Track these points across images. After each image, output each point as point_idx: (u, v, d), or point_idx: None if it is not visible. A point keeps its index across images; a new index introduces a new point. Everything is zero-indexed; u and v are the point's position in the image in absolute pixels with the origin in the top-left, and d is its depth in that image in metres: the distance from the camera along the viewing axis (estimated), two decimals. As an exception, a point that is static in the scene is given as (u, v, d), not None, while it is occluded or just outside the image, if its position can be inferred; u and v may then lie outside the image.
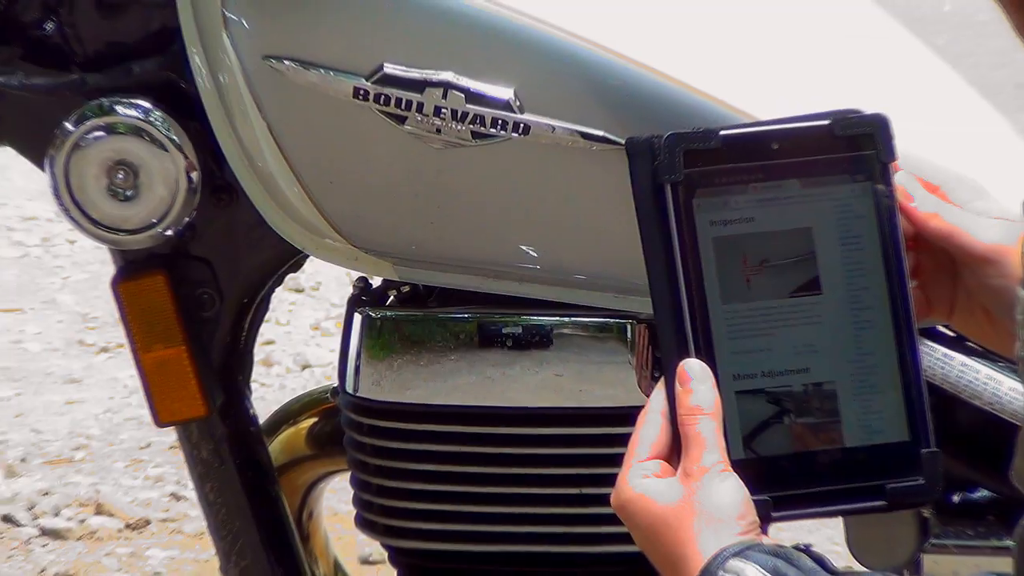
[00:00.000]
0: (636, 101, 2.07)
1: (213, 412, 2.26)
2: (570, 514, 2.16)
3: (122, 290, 2.23)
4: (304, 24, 2.08)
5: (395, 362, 2.16)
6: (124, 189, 2.14)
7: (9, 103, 2.19)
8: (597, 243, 2.10)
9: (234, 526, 2.31)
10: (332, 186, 2.11)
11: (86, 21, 2.19)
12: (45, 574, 3.70)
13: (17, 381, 4.03)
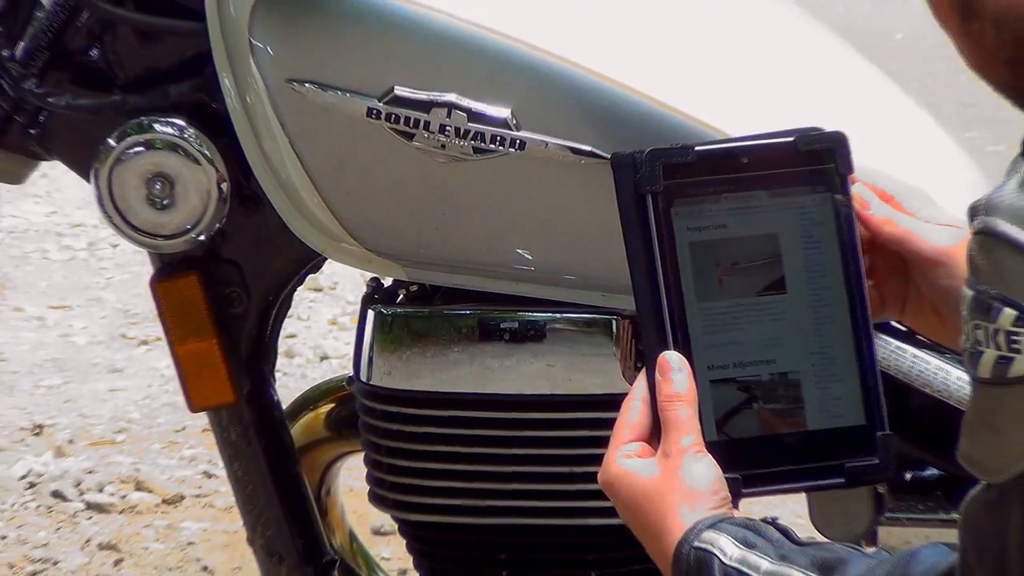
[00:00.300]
0: (621, 120, 2.07)
1: (241, 399, 2.26)
2: (561, 490, 2.16)
3: (159, 289, 2.23)
4: (322, 51, 2.09)
5: (404, 354, 2.17)
6: (161, 198, 2.15)
7: (58, 122, 2.19)
8: (585, 247, 2.10)
9: (259, 501, 2.31)
10: (348, 196, 2.12)
11: (127, 48, 2.19)
12: (90, 544, 3.68)
13: (65, 371, 4.02)
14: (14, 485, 3.78)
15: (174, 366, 2.26)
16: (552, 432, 2.15)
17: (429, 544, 2.24)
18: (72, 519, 3.72)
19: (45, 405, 4.01)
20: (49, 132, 2.21)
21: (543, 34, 2.08)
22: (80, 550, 3.64)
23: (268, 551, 2.32)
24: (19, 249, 4.43)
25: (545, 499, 2.17)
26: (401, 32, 2.08)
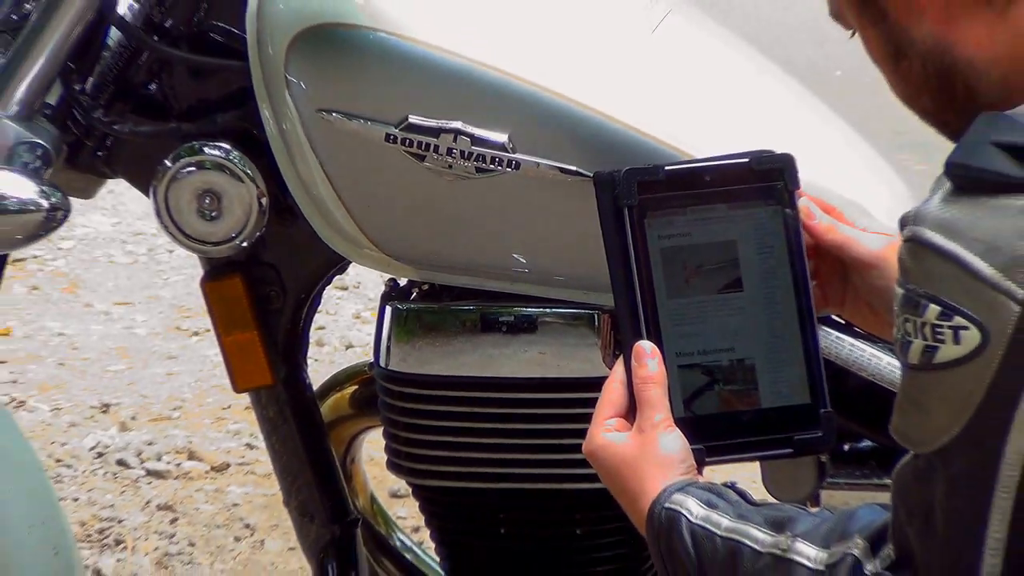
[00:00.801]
0: (602, 144, 2.07)
1: (278, 382, 2.26)
2: (550, 459, 2.15)
3: (208, 289, 2.23)
4: (348, 85, 2.09)
5: (417, 343, 2.17)
6: (210, 211, 2.14)
7: (122, 146, 2.19)
8: (571, 251, 2.10)
9: (294, 469, 2.31)
10: (369, 208, 2.11)
11: (180, 82, 2.19)
12: (149, 506, 3.68)
13: (128, 357, 4.01)
14: (85, 455, 3.78)
15: (221, 354, 2.26)
16: (543, 410, 2.16)
17: (438, 505, 2.24)
18: (134, 484, 3.71)
19: (111, 387, 4.01)
20: (114, 154, 2.20)
21: (536, 69, 2.08)
22: (141, 510, 3.64)
23: (301, 511, 2.32)
24: (89, 254, 4.42)
25: (537, 467, 2.16)
26: (415, 69, 2.08)
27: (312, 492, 2.30)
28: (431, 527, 2.28)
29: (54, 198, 2.07)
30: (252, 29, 2.11)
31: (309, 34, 2.09)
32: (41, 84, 2.13)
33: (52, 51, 2.11)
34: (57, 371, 4.03)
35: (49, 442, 3.72)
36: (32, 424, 3.71)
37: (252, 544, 3.55)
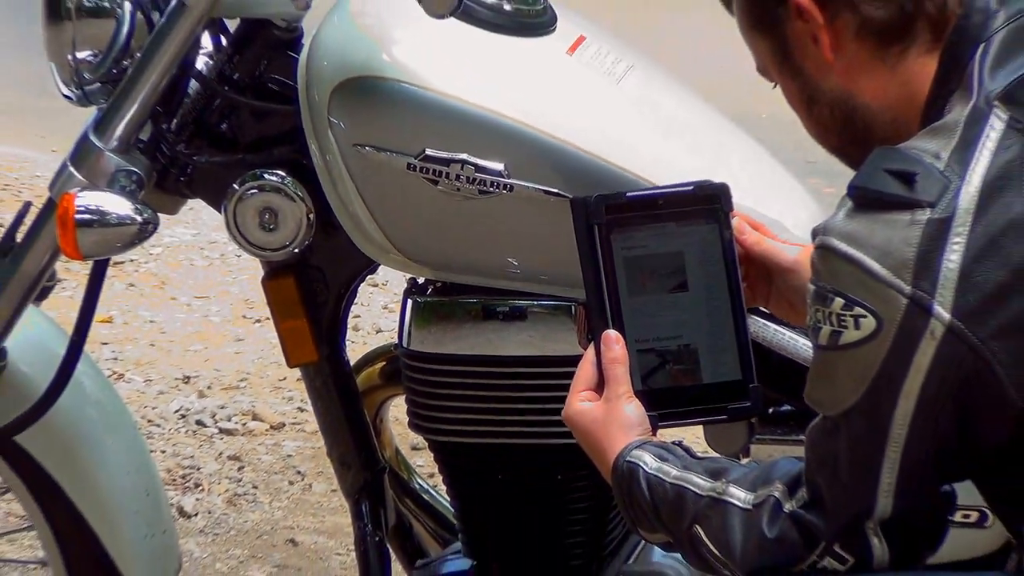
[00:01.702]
0: (578, 171, 2.07)
1: (323, 358, 2.25)
2: (537, 419, 2.16)
3: (268, 286, 2.22)
4: (378, 125, 2.09)
5: (432, 328, 2.17)
6: (269, 224, 2.14)
7: (200, 172, 2.18)
8: (553, 256, 2.09)
9: (335, 427, 2.31)
10: (394, 222, 2.11)
11: (245, 123, 2.19)
12: (221, 456, 3.67)
13: (205, 339, 4.00)
14: (170, 416, 3.77)
15: (278, 337, 2.25)
16: (531, 381, 2.16)
17: (448, 456, 2.24)
18: (209, 440, 3.70)
19: (191, 363, 4.00)
20: (193, 180, 2.20)
21: (526, 112, 2.08)
22: (214, 460, 3.63)
23: (341, 461, 2.32)
24: (174, 258, 4.40)
25: (526, 426, 2.16)
26: (430, 112, 2.08)
27: (349, 446, 2.30)
28: (443, 473, 2.28)
29: (146, 214, 2.07)
30: (302, 81, 2.12)
31: (347, 84, 2.09)
32: (136, 124, 2.13)
33: (145, 98, 2.11)
34: (148, 350, 4.02)
35: (142, 407, 3.72)
36: (128, 392, 3.70)
37: (302, 487, 3.55)
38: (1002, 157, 1.61)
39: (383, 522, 2.30)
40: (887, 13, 1.70)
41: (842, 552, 1.68)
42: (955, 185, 1.60)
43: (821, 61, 1.76)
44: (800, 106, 1.84)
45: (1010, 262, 1.58)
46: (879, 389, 1.63)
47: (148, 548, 2.30)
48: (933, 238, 1.58)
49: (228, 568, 3.30)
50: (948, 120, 1.66)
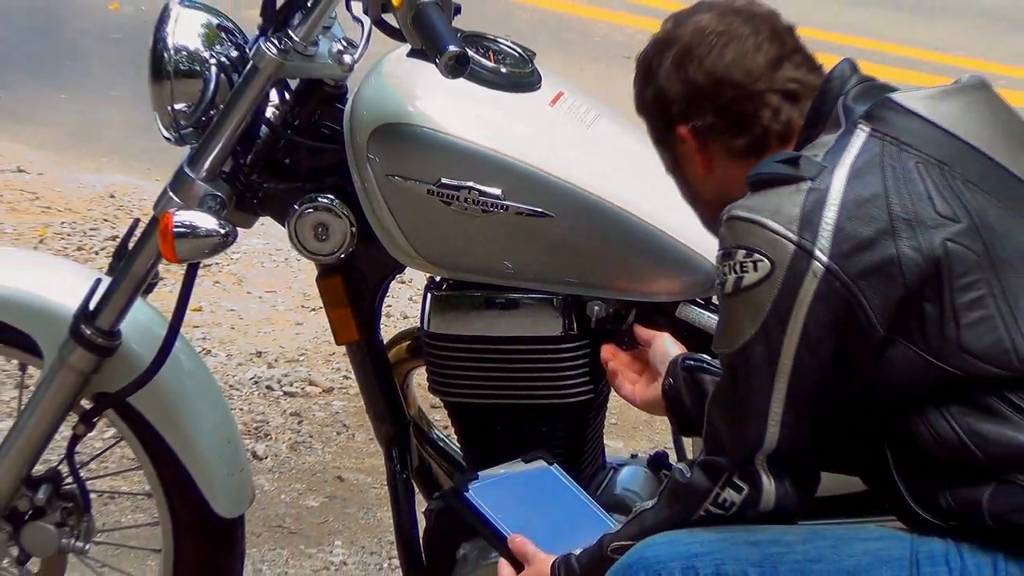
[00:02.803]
0: (558, 195, 2.07)
1: (362, 339, 2.24)
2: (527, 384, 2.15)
3: (320, 283, 2.21)
4: (404, 160, 2.09)
5: (446, 315, 2.17)
6: (321, 236, 2.13)
7: (269, 196, 2.18)
8: (538, 259, 2.10)
9: (372, 391, 2.30)
10: (417, 234, 2.11)
11: (303, 158, 2.18)
12: (285, 413, 3.66)
13: (273, 324, 4.00)
14: (246, 383, 3.76)
15: (328, 321, 2.24)
16: (520, 354, 2.14)
17: (459, 412, 2.23)
18: (276, 400, 3.70)
19: (262, 341, 4.00)
20: (264, 201, 2.19)
21: (518, 149, 2.08)
22: (280, 416, 3.63)
23: (376, 417, 2.31)
24: (249, 262, 4.40)
25: (517, 388, 2.15)
26: (445, 150, 2.08)
27: (383, 405, 2.30)
28: (454, 425, 2.27)
29: (227, 228, 2.06)
30: (347, 126, 2.12)
31: (381, 129, 2.09)
32: (220, 159, 2.12)
33: (226, 139, 2.11)
34: (229, 332, 4.02)
35: (224, 376, 3.72)
36: (214, 364, 3.70)
37: (347, 436, 3.55)
38: (867, 152, 1.67)
39: (409, 463, 2.30)
40: (745, 140, 1.77)
41: (739, 482, 1.67)
42: (829, 168, 1.66)
43: (700, 173, 1.83)
44: (690, 202, 1.91)
45: (872, 222, 1.61)
46: (771, 323, 1.63)
47: (229, 483, 2.30)
48: (814, 202, 1.63)
49: (290, 499, 3.30)
50: (823, 139, 1.71)
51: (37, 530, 2.29)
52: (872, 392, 1.65)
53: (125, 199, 4.83)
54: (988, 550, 1.60)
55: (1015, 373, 1.60)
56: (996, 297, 1.61)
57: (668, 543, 1.69)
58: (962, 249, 1.61)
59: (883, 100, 1.71)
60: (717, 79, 1.75)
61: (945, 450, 1.62)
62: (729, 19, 1.77)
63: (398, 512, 2.27)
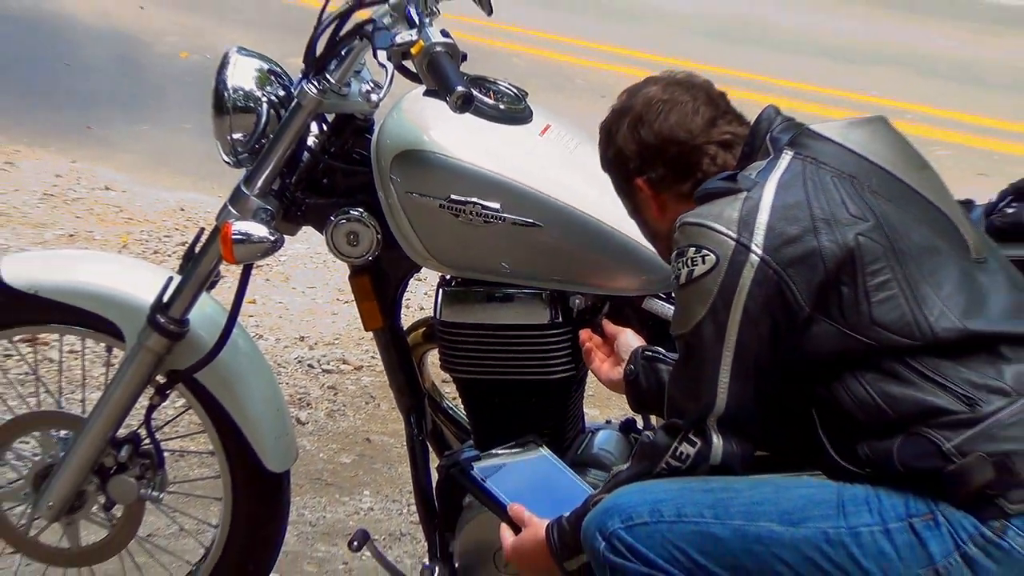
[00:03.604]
0: (546, 208, 2.06)
1: (386, 326, 2.24)
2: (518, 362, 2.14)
3: (352, 281, 2.21)
4: (420, 180, 2.07)
5: (454, 307, 2.15)
6: (352, 242, 2.13)
7: (310, 209, 2.17)
8: (529, 260, 2.08)
9: (394, 368, 2.29)
10: (432, 240, 2.10)
11: (338, 178, 2.17)
12: (323, 387, 3.67)
13: (314, 314, 4.01)
14: (291, 362, 3.78)
15: (359, 312, 2.24)
16: (516, 340, 2.13)
17: (464, 385, 2.22)
18: (315, 376, 3.71)
19: (305, 328, 4.00)
20: (306, 214, 2.18)
21: (513, 170, 2.07)
22: (319, 389, 3.63)
23: (398, 389, 2.31)
24: (294, 263, 4.40)
25: (513, 367, 2.14)
26: (454, 171, 2.06)
27: (403, 381, 2.29)
28: (461, 397, 2.26)
29: (275, 236, 2.07)
30: (374, 152, 2.11)
31: (402, 155, 2.08)
32: (270, 179, 2.12)
33: (275, 163, 2.11)
34: (278, 320, 4.01)
35: (273, 356, 3.72)
36: (265, 347, 3.71)
37: (374, 406, 3.54)
38: (791, 170, 1.71)
39: (424, 428, 2.29)
40: (690, 185, 1.81)
41: (693, 438, 1.68)
42: (761, 182, 1.69)
43: (655, 216, 1.87)
44: (649, 240, 1.95)
45: (797, 222, 1.64)
46: (717, 305, 1.64)
47: (278, 444, 2.30)
48: (750, 208, 1.66)
49: (327, 456, 3.30)
50: (755, 163, 1.75)
51: (120, 482, 2.29)
52: (801, 362, 1.66)
53: (193, 212, 4.83)
54: (899, 491, 1.60)
55: (917, 342, 1.61)
56: (899, 281, 1.63)
57: (638, 491, 1.70)
58: (870, 242, 1.63)
59: (803, 130, 1.76)
60: (664, 138, 1.81)
61: (862, 411, 1.62)
62: (672, 89, 1.84)
63: (415, 467, 2.26)
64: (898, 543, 1.57)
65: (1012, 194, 1.95)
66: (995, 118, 5.79)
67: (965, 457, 1.55)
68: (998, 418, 1.56)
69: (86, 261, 2.53)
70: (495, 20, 2.08)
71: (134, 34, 7.59)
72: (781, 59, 6.86)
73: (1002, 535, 1.54)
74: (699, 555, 1.63)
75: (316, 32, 2.07)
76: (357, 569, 2.81)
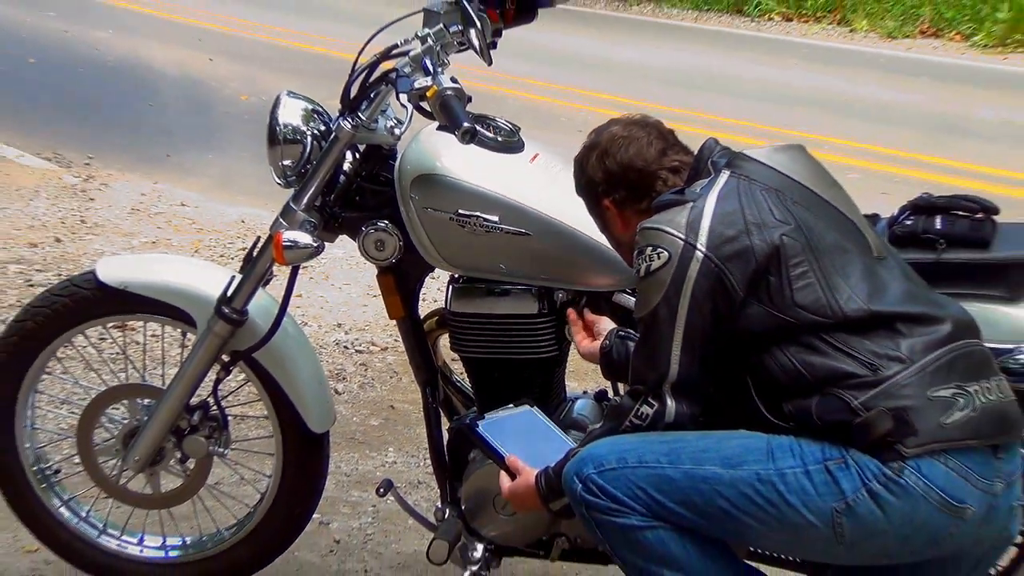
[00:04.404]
0: (535, 220, 2.05)
1: (407, 315, 2.23)
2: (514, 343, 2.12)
3: (379, 279, 2.20)
4: (434, 197, 2.06)
5: (461, 299, 2.14)
6: (380, 247, 2.12)
7: (346, 221, 2.16)
8: (520, 262, 2.07)
9: (413, 350, 2.27)
10: (444, 246, 2.09)
11: (369, 196, 2.16)
12: (355, 363, 3.66)
13: (348, 305, 3.98)
14: (330, 344, 3.76)
15: (384, 304, 2.23)
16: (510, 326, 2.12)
17: (470, 363, 2.21)
18: (350, 355, 3.70)
19: (341, 316, 3.98)
20: (342, 225, 2.17)
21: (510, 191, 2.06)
22: (353, 365, 3.62)
23: (416, 366, 2.29)
24: (332, 265, 4.38)
25: (507, 347, 2.13)
26: (461, 191, 2.06)
27: (420, 359, 2.28)
28: (467, 372, 2.25)
29: (318, 243, 2.07)
30: (396, 176, 2.10)
31: (419, 178, 2.07)
32: (313, 196, 2.12)
33: (317, 184, 2.11)
34: (319, 311, 4.00)
35: (316, 339, 3.70)
36: (309, 332, 3.69)
37: (397, 379, 3.53)
38: (728, 186, 1.72)
39: (437, 397, 2.28)
40: (647, 203, 1.81)
41: (652, 401, 1.69)
42: (704, 195, 1.70)
43: (620, 230, 1.89)
44: (615, 248, 1.95)
45: (733, 226, 1.66)
46: (670, 293, 1.65)
47: (319, 410, 2.30)
48: (695, 215, 1.67)
49: (359, 420, 3.30)
50: (699, 182, 1.76)
51: (193, 441, 2.29)
52: (737, 338, 1.68)
53: (251, 223, 4.82)
54: (817, 440, 1.62)
55: (830, 320, 1.63)
56: (815, 272, 1.65)
57: (607, 444, 1.72)
58: (792, 241, 1.65)
59: (738, 155, 1.78)
60: (625, 167, 1.84)
61: (786, 376, 1.64)
62: (630, 128, 1.87)
63: (430, 429, 2.25)
64: (816, 481, 1.58)
65: (909, 209, 1.96)
66: (895, 149, 5.81)
67: (869, 412, 1.57)
68: (895, 380, 1.58)
69: (165, 263, 2.54)
70: (494, 70, 2.07)
71: (204, 80, 7.58)
72: (722, 101, 6.86)
73: (900, 474, 1.55)
74: (657, 493, 1.65)
75: (350, 79, 2.07)
76: (383, 511, 2.81)
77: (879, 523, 1.55)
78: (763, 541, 1.71)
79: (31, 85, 7.34)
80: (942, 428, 1.55)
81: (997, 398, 1.60)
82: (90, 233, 4.66)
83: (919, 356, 1.59)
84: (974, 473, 1.56)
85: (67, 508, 2.42)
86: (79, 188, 5.25)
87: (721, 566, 1.67)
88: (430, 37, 1.96)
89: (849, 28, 9.02)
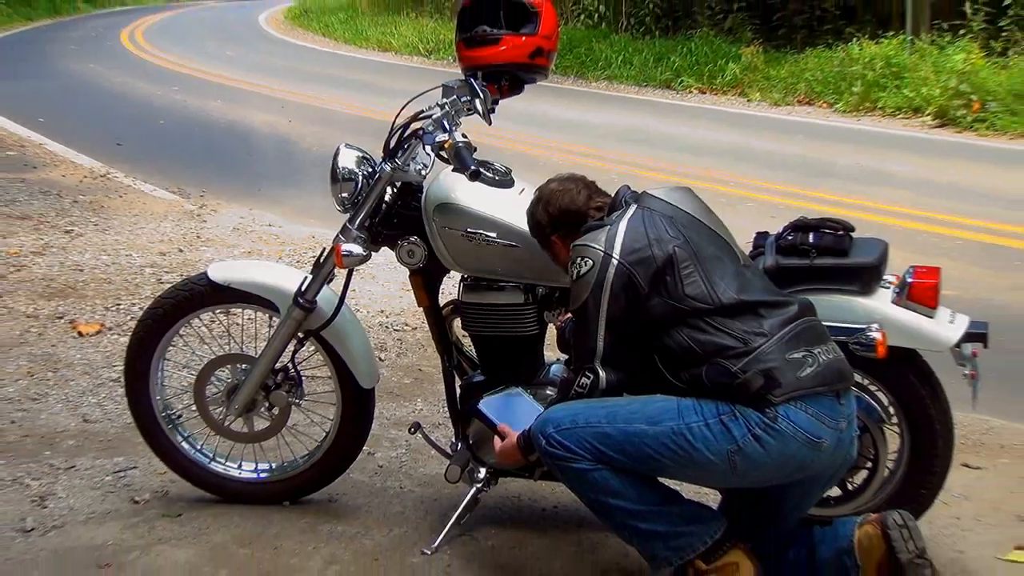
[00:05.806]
0: (521, 237, 2.02)
1: (431, 304, 2.21)
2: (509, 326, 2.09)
3: (411, 279, 2.19)
4: (450, 219, 2.04)
5: (469, 293, 2.12)
6: (410, 256, 2.11)
7: (387, 237, 2.14)
8: (517, 266, 2.04)
9: (435, 328, 2.24)
10: (456, 254, 2.07)
11: (403, 219, 2.14)
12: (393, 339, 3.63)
13: (388, 297, 3.94)
14: (375, 324, 3.73)
15: (414, 296, 2.21)
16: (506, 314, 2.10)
17: (477, 339, 2.19)
18: (390, 333, 3.66)
19: (383, 304, 3.95)
20: (385, 239, 2.16)
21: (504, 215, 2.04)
22: (392, 340, 3.59)
23: (437, 340, 2.26)
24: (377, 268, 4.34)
25: (504, 328, 2.11)
26: (469, 215, 2.04)
27: (440, 335, 2.25)
28: (474, 344, 2.22)
29: (367, 252, 2.06)
30: (423, 205, 2.09)
31: (440, 206, 2.06)
32: (364, 219, 2.11)
33: (367, 211, 2.10)
34: (368, 301, 3.96)
35: (366, 322, 3.66)
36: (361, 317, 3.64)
37: (423, 350, 3.49)
38: (636, 215, 1.71)
39: (452, 362, 2.26)
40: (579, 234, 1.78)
41: (588, 373, 1.69)
42: (618, 222, 1.70)
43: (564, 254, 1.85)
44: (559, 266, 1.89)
45: (638, 241, 1.66)
46: (595, 290, 1.65)
47: (368, 372, 2.28)
48: (612, 235, 1.67)
49: (396, 379, 3.27)
50: (614, 215, 1.75)
51: (277, 395, 2.28)
52: (645, 322, 1.69)
53: (319, 238, 4.80)
54: (711, 399, 1.63)
55: (711, 307, 1.65)
56: (700, 272, 1.67)
57: (562, 408, 1.73)
58: (682, 251, 1.68)
59: (642, 194, 1.80)
60: (563, 211, 1.85)
61: (681, 350, 1.65)
62: (564, 183, 1.89)
63: (447, 386, 2.24)
64: (714, 431, 1.59)
65: (790, 228, 1.97)
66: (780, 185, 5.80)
67: (746, 374, 1.59)
68: (762, 349, 1.60)
69: (258, 267, 2.50)
70: (493, 129, 2.06)
71: (285, 136, 7.57)
72: (655, 151, 6.84)
73: (775, 421, 1.56)
74: (600, 445, 1.66)
75: (390, 135, 2.07)
76: (414, 444, 2.78)
77: (762, 458, 1.57)
78: (678, 475, 1.71)
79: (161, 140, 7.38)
80: (799, 380, 1.58)
81: (834, 356, 1.63)
82: (203, 245, 4.65)
83: (776, 330, 1.61)
84: (826, 416, 1.58)
85: (186, 442, 2.41)
86: (195, 213, 5.26)
87: (647, 491, 1.68)
88: (447, 105, 1.98)
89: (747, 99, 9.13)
